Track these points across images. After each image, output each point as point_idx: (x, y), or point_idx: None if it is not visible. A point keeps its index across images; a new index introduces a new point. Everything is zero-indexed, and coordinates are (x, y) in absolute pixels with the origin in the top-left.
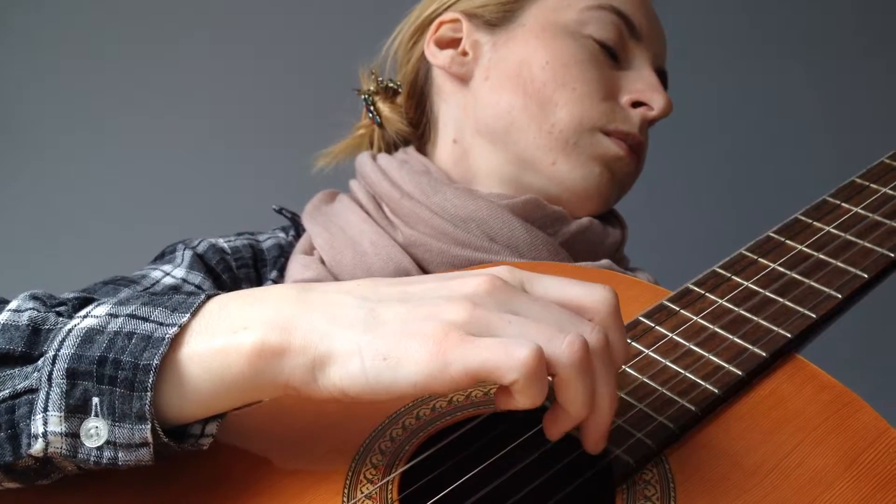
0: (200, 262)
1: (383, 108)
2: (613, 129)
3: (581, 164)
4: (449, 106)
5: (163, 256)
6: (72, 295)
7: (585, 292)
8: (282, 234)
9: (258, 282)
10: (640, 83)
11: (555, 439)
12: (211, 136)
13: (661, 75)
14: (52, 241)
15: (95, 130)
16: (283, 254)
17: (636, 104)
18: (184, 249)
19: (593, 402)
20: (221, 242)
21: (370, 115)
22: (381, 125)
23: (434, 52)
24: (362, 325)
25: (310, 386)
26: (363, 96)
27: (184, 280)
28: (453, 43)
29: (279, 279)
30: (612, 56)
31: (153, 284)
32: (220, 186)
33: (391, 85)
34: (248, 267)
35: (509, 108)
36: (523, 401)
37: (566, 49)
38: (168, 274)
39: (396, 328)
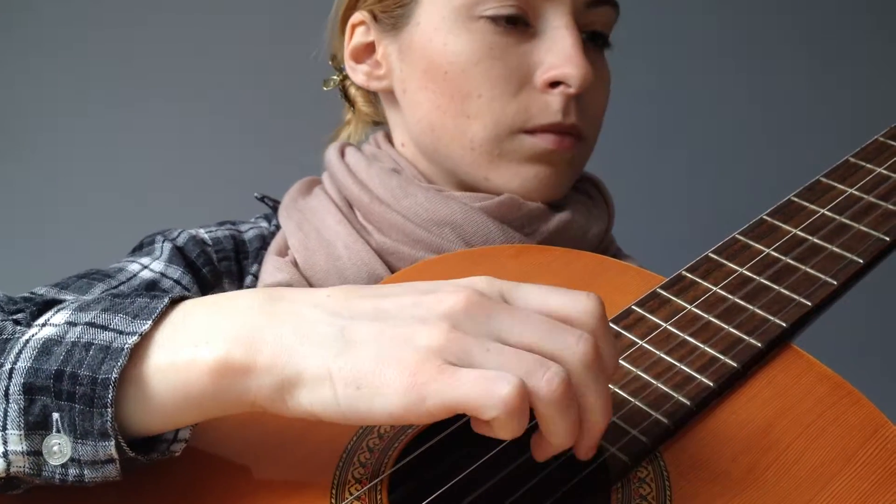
0: (180, 255)
1: (356, 96)
2: (534, 126)
3: (513, 172)
4: (390, 114)
5: (141, 248)
6: (43, 290)
7: (570, 302)
8: (264, 224)
9: (239, 275)
10: (553, 54)
11: (541, 460)
12: (194, 122)
13: (600, 4)
14: (31, 228)
15: (81, 116)
16: (265, 245)
17: (554, 83)
18: (163, 241)
19: (577, 430)
20: (202, 233)
21: (347, 104)
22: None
23: (352, 67)
24: (333, 346)
25: (277, 405)
26: (336, 85)
27: (162, 274)
28: (369, 49)
29: (260, 273)
30: (517, 25)
31: (130, 278)
32: (203, 173)
33: None
34: (230, 260)
35: (430, 126)
36: (503, 434)
37: (461, 49)
38: (146, 267)
39: (370, 353)
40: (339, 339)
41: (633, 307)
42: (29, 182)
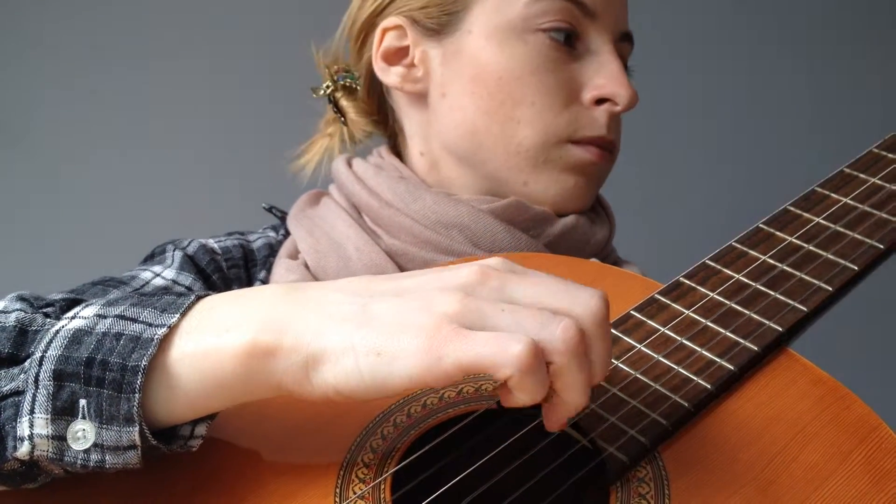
0: (191, 262)
1: (347, 107)
2: (581, 137)
3: (554, 180)
4: (411, 121)
5: (153, 257)
6: (60, 296)
7: (577, 286)
8: (272, 234)
9: (248, 282)
10: (602, 75)
11: (555, 430)
12: (202, 134)
13: (626, 39)
14: (42, 238)
15: (88, 129)
16: (273, 253)
17: (600, 101)
18: (174, 250)
19: (590, 386)
20: (212, 243)
21: (336, 113)
22: (346, 124)
23: (383, 68)
24: (354, 321)
25: (303, 386)
26: (327, 94)
27: (174, 281)
28: (401, 53)
29: (269, 279)
30: (568, 44)
31: (143, 285)
32: (211, 184)
33: (348, 83)
34: (239, 267)
35: (472, 129)
36: (522, 396)
37: (517, 57)
38: (158, 275)
39: (388, 322)
40: (360, 315)
41: (631, 312)
42: (34, 189)
